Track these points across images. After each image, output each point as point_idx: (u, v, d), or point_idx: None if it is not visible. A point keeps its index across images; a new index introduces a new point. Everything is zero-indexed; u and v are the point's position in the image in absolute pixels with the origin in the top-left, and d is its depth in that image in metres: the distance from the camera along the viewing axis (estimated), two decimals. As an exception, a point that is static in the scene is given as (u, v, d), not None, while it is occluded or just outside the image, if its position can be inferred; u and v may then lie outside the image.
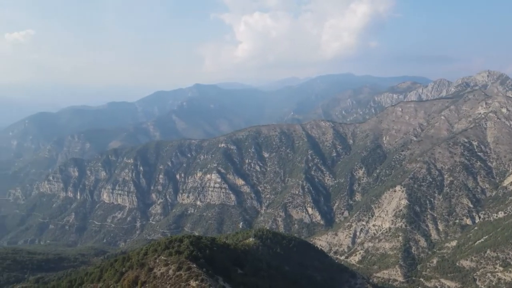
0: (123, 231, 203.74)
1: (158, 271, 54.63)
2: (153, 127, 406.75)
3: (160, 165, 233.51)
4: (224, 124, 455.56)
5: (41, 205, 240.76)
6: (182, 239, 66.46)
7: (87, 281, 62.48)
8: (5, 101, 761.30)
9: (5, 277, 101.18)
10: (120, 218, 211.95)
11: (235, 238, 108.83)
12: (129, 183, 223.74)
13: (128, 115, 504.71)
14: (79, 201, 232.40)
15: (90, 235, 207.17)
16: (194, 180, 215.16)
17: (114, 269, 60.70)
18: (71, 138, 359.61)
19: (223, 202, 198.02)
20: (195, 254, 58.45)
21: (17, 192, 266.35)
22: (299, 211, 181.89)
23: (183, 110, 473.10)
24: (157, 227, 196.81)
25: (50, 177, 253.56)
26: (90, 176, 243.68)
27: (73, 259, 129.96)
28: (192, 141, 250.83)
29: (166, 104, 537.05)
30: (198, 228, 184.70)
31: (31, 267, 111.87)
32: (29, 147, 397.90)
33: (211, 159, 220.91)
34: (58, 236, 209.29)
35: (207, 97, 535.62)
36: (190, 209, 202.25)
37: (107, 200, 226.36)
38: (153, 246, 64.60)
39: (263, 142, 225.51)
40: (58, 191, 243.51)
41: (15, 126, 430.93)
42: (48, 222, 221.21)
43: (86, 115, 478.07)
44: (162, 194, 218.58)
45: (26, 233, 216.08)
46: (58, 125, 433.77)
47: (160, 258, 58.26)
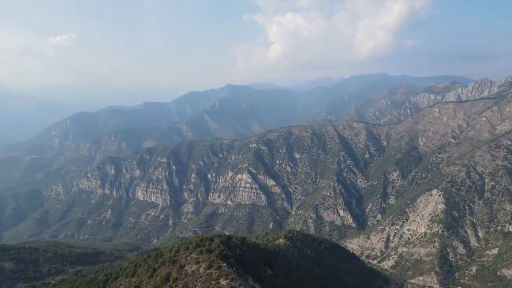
0: (156, 228, 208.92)
1: (189, 268, 55.51)
2: (185, 127, 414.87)
3: (192, 164, 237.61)
4: (255, 124, 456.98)
5: (80, 201, 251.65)
6: (212, 238, 67.23)
7: (122, 276, 64.50)
8: (48, 102, 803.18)
9: (47, 268, 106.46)
10: (154, 215, 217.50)
11: (265, 239, 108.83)
12: (162, 182, 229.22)
13: (162, 115, 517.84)
14: (115, 198, 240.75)
15: (125, 231, 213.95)
16: (225, 180, 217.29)
17: (148, 265, 62.31)
18: (108, 137, 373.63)
19: (254, 202, 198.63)
20: (226, 253, 58.93)
21: (58, 188, 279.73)
22: (330, 213, 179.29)
23: (215, 110, 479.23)
24: (189, 225, 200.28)
25: (89, 174, 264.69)
26: (125, 174, 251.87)
27: (109, 254, 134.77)
28: (224, 141, 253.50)
29: (199, 105, 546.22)
30: (228, 228, 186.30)
31: (70, 260, 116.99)
32: (70, 145, 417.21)
33: (242, 159, 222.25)
34: (95, 231, 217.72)
35: (239, 97, 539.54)
36: (221, 209, 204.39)
37: (141, 197, 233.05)
38: (184, 244, 65.73)
39: (294, 142, 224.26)
40: (96, 188, 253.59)
41: (57, 126, 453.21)
42: (86, 218, 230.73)
43: (122, 115, 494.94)
44: (194, 193, 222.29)
45: (67, 227, 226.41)
46: (97, 125, 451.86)
47: (191, 256, 59.16)
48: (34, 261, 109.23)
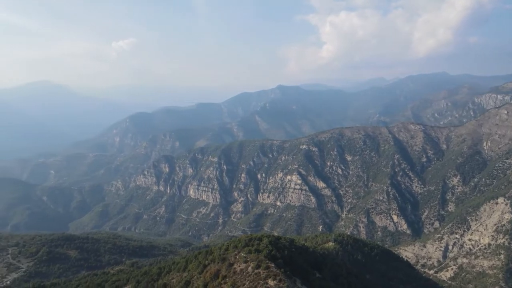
0: (207, 226, 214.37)
1: (238, 267, 56.09)
2: (237, 127, 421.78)
3: (242, 164, 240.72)
4: (306, 125, 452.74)
5: (137, 197, 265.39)
6: (261, 238, 67.40)
7: (174, 270, 66.81)
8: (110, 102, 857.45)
9: (107, 258, 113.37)
10: (204, 213, 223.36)
11: (314, 241, 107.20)
12: (213, 181, 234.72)
13: (214, 115, 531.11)
14: (168, 195, 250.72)
15: (178, 227, 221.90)
16: (275, 180, 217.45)
17: (198, 261, 63.96)
18: (163, 137, 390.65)
19: (303, 204, 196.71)
20: (274, 254, 58.79)
21: (118, 183, 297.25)
22: (383, 218, 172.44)
23: (265, 111, 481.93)
24: (238, 224, 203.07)
25: (145, 171, 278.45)
26: (178, 172, 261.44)
27: (163, 248, 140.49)
28: (274, 141, 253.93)
29: (250, 105, 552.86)
30: (277, 228, 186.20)
31: (127, 252, 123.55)
32: (129, 143, 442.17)
33: (292, 160, 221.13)
34: (150, 226, 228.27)
35: (290, 98, 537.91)
36: (270, 209, 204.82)
37: (193, 195, 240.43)
38: (233, 243, 66.56)
39: (346, 144, 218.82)
40: (151, 185, 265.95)
41: (118, 125, 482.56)
42: (142, 213, 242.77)
43: (177, 115, 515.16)
44: (243, 192, 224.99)
45: (125, 221, 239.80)
46: (153, 124, 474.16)
47: (240, 255, 59.74)
48: (95, 251, 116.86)
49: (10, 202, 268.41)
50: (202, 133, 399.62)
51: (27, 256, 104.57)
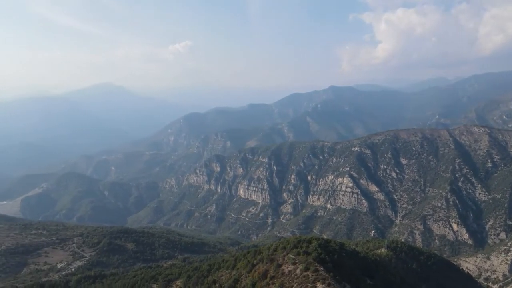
0: (256, 226, 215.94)
1: (286, 268, 55.78)
2: (287, 128, 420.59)
3: (292, 165, 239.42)
4: (358, 127, 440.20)
5: (190, 195, 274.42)
6: (310, 240, 66.47)
7: (223, 267, 68.05)
8: (166, 103, 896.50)
9: (161, 252, 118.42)
10: (254, 213, 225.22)
11: (365, 246, 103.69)
12: (263, 181, 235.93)
13: (265, 116, 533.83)
14: (219, 193, 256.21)
15: (227, 225, 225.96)
16: (325, 182, 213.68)
17: (247, 260, 64.56)
18: (215, 137, 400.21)
19: (354, 207, 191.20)
20: (323, 257, 57.68)
21: (172, 181, 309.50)
22: (441, 226, 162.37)
23: (317, 112, 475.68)
24: (287, 225, 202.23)
25: (197, 170, 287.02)
26: (229, 171, 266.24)
27: (213, 246, 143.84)
28: (325, 143, 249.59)
29: (301, 106, 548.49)
30: (327, 231, 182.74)
31: (179, 247, 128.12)
32: (182, 143, 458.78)
33: (343, 162, 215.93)
34: (201, 223, 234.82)
35: (342, 99, 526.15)
36: (320, 211, 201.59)
37: (243, 195, 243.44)
38: (282, 244, 66.33)
39: (401, 147, 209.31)
40: (203, 183, 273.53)
41: (172, 125, 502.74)
42: (194, 210, 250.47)
43: (228, 116, 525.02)
44: (293, 194, 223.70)
45: (177, 217, 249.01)
46: (205, 124, 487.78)
47: (289, 256, 59.38)
48: (150, 244, 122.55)
49: (76, 195, 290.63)
50: (253, 133, 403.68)
51: (90, 246, 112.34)
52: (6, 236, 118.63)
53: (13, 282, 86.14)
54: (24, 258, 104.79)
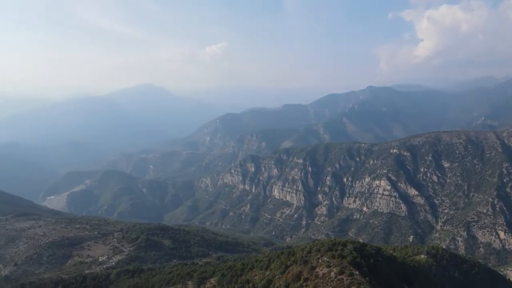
0: (290, 227, 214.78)
1: (321, 271, 55.00)
2: (323, 129, 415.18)
3: (328, 167, 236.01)
4: (397, 128, 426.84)
5: (224, 194, 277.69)
6: (345, 243, 65.13)
7: (257, 267, 68.15)
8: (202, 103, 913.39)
9: (196, 250, 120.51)
10: (288, 214, 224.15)
11: (403, 252, 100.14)
12: (298, 182, 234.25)
13: (301, 116, 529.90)
14: (253, 194, 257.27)
15: (261, 226, 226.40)
16: (362, 185, 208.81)
17: (280, 261, 64.29)
18: (250, 137, 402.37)
19: (392, 211, 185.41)
20: (359, 261, 56.33)
21: (207, 180, 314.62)
22: (487, 234, 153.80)
23: (354, 113, 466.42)
24: (322, 227, 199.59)
25: (232, 170, 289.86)
26: (264, 172, 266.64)
27: (247, 245, 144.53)
28: (362, 144, 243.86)
29: (338, 107, 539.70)
30: (362, 235, 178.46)
31: (214, 246, 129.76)
32: (218, 143, 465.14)
33: (381, 164, 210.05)
34: (235, 223, 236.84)
35: (380, 99, 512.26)
36: (356, 214, 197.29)
37: (277, 196, 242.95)
38: (316, 246, 65.46)
39: (443, 150, 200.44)
40: (238, 183, 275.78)
41: (208, 125, 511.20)
42: (228, 210, 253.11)
43: (263, 116, 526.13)
44: (328, 195, 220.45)
45: (212, 216, 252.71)
46: (241, 125, 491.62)
47: (323, 258, 58.54)
48: (186, 242, 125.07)
49: (117, 192, 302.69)
50: (288, 134, 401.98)
51: (129, 241, 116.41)
52: (53, 229, 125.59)
53: (59, 273, 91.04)
54: (69, 251, 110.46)
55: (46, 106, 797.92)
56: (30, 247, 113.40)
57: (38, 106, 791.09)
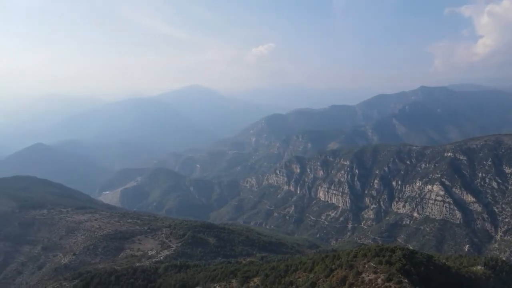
0: (335, 230, 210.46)
1: (367, 276, 53.32)
2: (371, 131, 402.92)
3: (376, 169, 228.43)
4: (452, 131, 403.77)
5: (269, 194, 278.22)
6: (394, 249, 62.58)
7: (300, 269, 67.48)
8: (249, 104, 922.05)
9: (240, 249, 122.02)
10: (333, 217, 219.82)
11: (457, 262, 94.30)
12: (344, 185, 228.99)
13: (348, 117, 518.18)
14: (298, 195, 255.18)
15: (306, 228, 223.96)
16: (412, 189, 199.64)
17: (325, 264, 63.16)
18: (296, 138, 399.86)
19: (445, 218, 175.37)
20: (408, 269, 53.85)
21: (252, 180, 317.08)
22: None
23: (404, 114, 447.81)
24: (368, 232, 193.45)
25: (277, 171, 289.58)
26: (309, 173, 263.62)
27: (290, 247, 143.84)
28: (413, 147, 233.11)
29: (387, 108, 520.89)
30: (412, 242, 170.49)
31: (258, 246, 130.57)
32: (263, 143, 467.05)
33: (434, 168, 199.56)
34: (279, 224, 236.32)
35: (434, 100, 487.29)
36: (405, 220, 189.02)
37: (323, 198, 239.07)
38: (363, 251, 63.57)
39: (504, 154, 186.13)
40: (282, 184, 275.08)
41: (254, 125, 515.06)
42: (273, 210, 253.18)
43: (309, 117, 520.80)
44: (376, 199, 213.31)
45: (256, 216, 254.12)
46: (286, 125, 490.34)
47: (370, 264, 56.73)
48: (230, 241, 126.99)
49: (166, 190, 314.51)
50: (335, 135, 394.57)
51: (176, 237, 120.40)
52: (108, 223, 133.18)
53: (112, 264, 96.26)
54: (121, 243, 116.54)
55: (101, 106, 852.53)
56: (87, 238, 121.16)
57: (94, 106, 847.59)
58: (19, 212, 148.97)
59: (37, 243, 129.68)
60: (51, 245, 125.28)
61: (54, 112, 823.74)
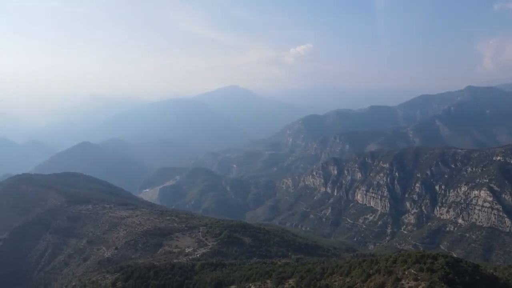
0: (373, 234, 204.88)
1: (406, 283, 51.50)
2: (412, 132, 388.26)
3: (417, 173, 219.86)
4: (502, 133, 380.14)
5: (305, 196, 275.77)
6: (436, 256, 59.86)
7: (337, 273, 66.27)
8: (286, 104, 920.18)
9: (275, 250, 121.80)
10: (371, 220, 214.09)
11: (507, 273, 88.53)
12: (383, 188, 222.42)
13: (388, 119, 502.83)
14: (335, 197, 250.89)
15: (342, 231, 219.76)
16: (457, 194, 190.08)
17: (362, 268, 61.65)
18: (333, 139, 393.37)
19: (494, 225, 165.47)
20: (451, 278, 51.30)
21: (288, 181, 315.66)
22: None
23: (449, 115, 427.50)
24: (409, 237, 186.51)
25: (314, 172, 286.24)
26: (347, 175, 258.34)
27: (326, 250, 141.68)
28: (458, 150, 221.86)
29: (430, 109, 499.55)
30: (456, 250, 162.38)
31: (293, 247, 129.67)
32: (300, 144, 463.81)
33: (481, 173, 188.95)
34: (315, 226, 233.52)
35: (482, 101, 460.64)
36: (449, 226, 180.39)
37: (360, 200, 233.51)
38: (402, 257, 61.36)
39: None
40: (319, 186, 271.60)
41: (291, 126, 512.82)
42: (309, 212, 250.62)
43: (348, 118, 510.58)
44: (417, 204, 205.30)
45: (292, 218, 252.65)
46: (324, 126, 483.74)
47: (410, 271, 54.75)
48: (266, 241, 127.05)
49: (203, 189, 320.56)
50: (374, 137, 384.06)
51: (212, 236, 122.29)
52: (147, 219, 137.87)
53: (151, 259, 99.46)
54: (160, 240, 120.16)
55: (142, 107, 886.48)
56: (128, 233, 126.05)
57: (135, 106, 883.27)
58: (67, 207, 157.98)
59: (83, 236, 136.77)
60: (95, 239, 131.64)
61: (100, 112, 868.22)
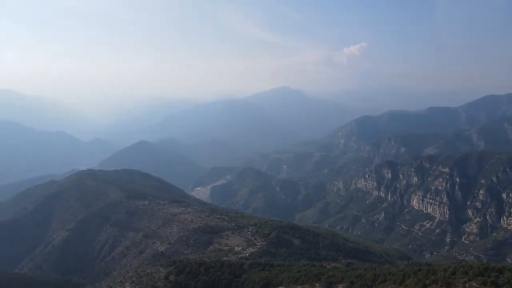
0: (430, 242, 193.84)
1: (467, 297, 47.90)
2: (476, 135, 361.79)
3: (481, 179, 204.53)
4: None
5: (356, 199, 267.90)
6: (502, 269, 55.03)
7: (389, 281, 63.42)
8: (338, 105, 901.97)
9: (324, 253, 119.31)
10: (428, 228, 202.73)
11: None
12: (442, 194, 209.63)
13: (448, 121, 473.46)
14: (389, 202, 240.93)
15: (396, 237, 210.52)
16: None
17: (417, 278, 58.43)
18: (388, 141, 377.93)
19: None
20: (520, 294, 46.90)
21: (339, 184, 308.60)
22: None
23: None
24: (471, 248, 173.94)
25: (366, 175, 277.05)
26: (402, 179, 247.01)
27: (379, 256, 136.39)
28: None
29: (498, 110, 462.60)
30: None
31: (343, 251, 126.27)
32: (352, 146, 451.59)
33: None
34: (367, 230, 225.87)
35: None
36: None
37: (417, 206, 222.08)
38: (463, 268, 57.20)
39: None
40: (372, 189, 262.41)
41: (343, 127, 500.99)
42: (360, 216, 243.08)
43: (403, 120, 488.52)
44: (480, 212, 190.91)
45: (343, 221, 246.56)
46: (377, 128, 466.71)
47: (471, 284, 50.86)
48: (315, 244, 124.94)
49: (252, 189, 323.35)
50: (432, 140, 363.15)
51: (261, 236, 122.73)
52: (199, 217, 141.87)
53: (202, 256, 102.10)
54: (210, 237, 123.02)
55: (195, 107, 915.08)
56: (180, 230, 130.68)
57: (189, 106, 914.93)
58: (126, 201, 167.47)
59: (139, 230, 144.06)
60: (150, 233, 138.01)
61: (155, 112, 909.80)
